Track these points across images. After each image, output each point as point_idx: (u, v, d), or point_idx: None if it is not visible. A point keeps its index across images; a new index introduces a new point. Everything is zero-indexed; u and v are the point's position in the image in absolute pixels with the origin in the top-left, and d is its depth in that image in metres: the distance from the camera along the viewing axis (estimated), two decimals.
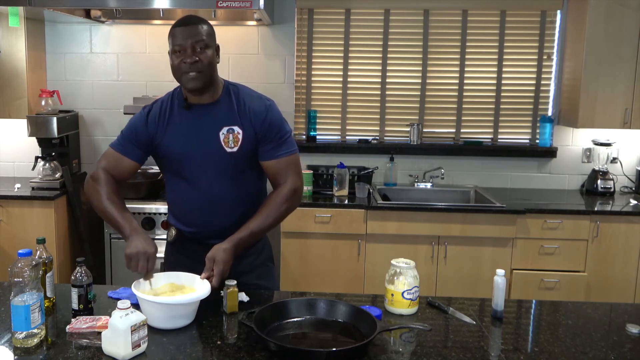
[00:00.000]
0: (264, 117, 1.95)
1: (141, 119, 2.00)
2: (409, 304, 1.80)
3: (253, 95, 2.01)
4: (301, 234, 3.52)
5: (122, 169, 2.00)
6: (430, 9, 3.97)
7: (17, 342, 1.54)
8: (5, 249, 3.51)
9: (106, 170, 1.99)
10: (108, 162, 2.01)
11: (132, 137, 1.99)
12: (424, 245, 3.48)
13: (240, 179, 2.00)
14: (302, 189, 2.04)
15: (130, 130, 2.01)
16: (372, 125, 4.11)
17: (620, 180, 3.99)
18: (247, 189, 2.02)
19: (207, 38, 1.89)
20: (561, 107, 3.99)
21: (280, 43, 3.94)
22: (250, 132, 1.95)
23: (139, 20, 3.91)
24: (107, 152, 2.04)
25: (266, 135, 1.96)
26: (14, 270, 1.54)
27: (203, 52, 1.87)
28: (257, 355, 1.52)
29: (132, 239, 1.81)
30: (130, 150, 1.99)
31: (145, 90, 3.99)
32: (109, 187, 1.96)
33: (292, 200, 1.99)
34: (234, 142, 1.94)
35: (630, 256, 3.49)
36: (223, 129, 1.94)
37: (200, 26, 1.88)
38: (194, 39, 1.86)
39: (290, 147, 2.01)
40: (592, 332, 1.75)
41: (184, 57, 1.86)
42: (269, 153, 1.97)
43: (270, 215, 1.95)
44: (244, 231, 1.91)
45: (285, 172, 1.98)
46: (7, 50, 3.65)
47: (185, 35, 1.86)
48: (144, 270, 1.76)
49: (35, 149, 3.82)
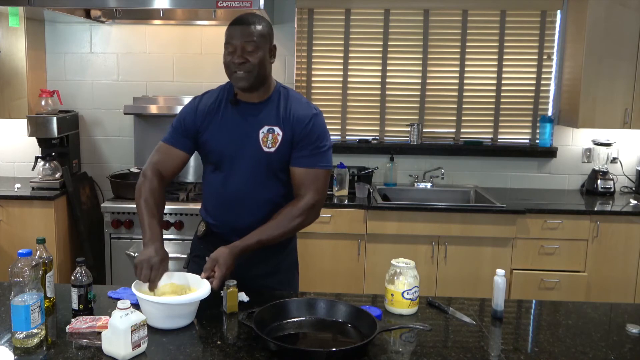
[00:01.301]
0: (307, 122, 1.94)
1: (191, 109, 2.01)
2: (409, 304, 1.80)
3: (302, 100, 2.00)
4: (301, 233, 3.44)
5: (172, 161, 2.01)
6: (430, 9, 3.97)
7: (17, 342, 1.54)
8: (5, 249, 3.50)
9: (155, 167, 2.00)
10: (159, 156, 2.02)
11: (181, 127, 2.00)
12: (424, 245, 3.48)
13: (272, 180, 1.99)
14: (321, 206, 1.99)
15: (179, 120, 2.02)
16: (372, 125, 4.11)
17: (620, 180, 3.99)
18: (277, 191, 2.00)
19: (259, 39, 1.86)
20: (561, 107, 3.99)
21: (280, 43, 3.92)
22: (289, 135, 1.94)
23: (139, 20, 3.91)
24: (159, 147, 2.05)
25: (304, 140, 1.94)
26: (14, 270, 1.54)
27: (253, 53, 1.86)
28: (257, 355, 1.52)
29: (145, 247, 1.82)
30: (179, 141, 2.00)
31: (145, 90, 3.99)
32: (152, 185, 1.96)
33: (307, 215, 1.96)
34: (272, 143, 1.94)
35: (630, 256, 3.49)
36: (264, 127, 1.94)
37: (253, 27, 1.86)
38: (245, 39, 1.85)
39: (323, 161, 1.97)
40: (592, 332, 1.75)
41: (233, 57, 1.87)
42: (300, 160, 1.95)
43: (282, 226, 1.93)
44: (251, 239, 1.89)
45: (309, 184, 1.95)
46: (7, 50, 3.65)
47: (237, 35, 1.85)
48: (146, 279, 1.75)
49: (35, 149, 3.82)
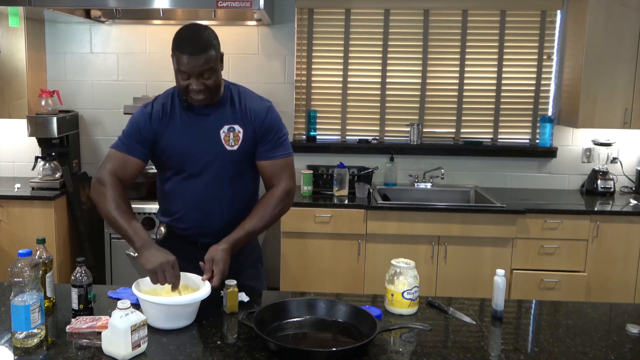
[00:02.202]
0: (264, 117, 1.98)
1: (144, 116, 1.97)
2: (409, 304, 1.80)
3: (253, 96, 2.04)
4: (301, 233, 3.52)
5: (128, 170, 1.96)
6: (430, 9, 3.97)
7: (17, 342, 1.54)
8: (5, 249, 3.50)
9: (112, 173, 1.94)
10: (113, 164, 1.95)
11: (136, 135, 1.96)
12: (424, 245, 3.48)
13: (238, 179, 2.01)
14: (294, 191, 2.06)
15: (134, 128, 1.97)
16: (372, 125, 4.11)
17: (620, 180, 3.99)
18: (243, 189, 2.04)
19: (212, 63, 1.84)
20: (561, 107, 3.99)
21: (280, 43, 3.94)
22: (250, 132, 1.97)
23: (139, 20, 3.91)
24: (110, 154, 1.98)
25: (265, 135, 1.98)
26: (14, 270, 1.54)
27: (209, 78, 1.85)
28: (257, 355, 1.52)
29: (148, 252, 1.78)
30: (135, 149, 1.96)
31: (145, 90, 3.99)
32: (116, 191, 1.91)
33: (285, 202, 2.02)
34: (235, 141, 1.96)
35: (630, 256, 3.49)
36: (224, 127, 1.95)
37: (205, 53, 1.81)
38: (200, 69, 1.82)
39: (287, 149, 2.04)
40: (592, 332, 1.75)
41: (190, 82, 1.85)
42: (265, 153, 2.00)
43: (265, 216, 1.97)
44: (239, 231, 1.92)
45: (280, 173, 2.01)
46: (7, 50, 3.65)
47: (191, 65, 1.81)
48: (174, 279, 1.73)
49: (35, 149, 3.82)
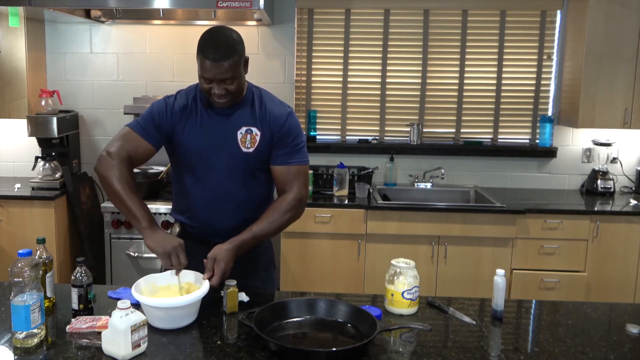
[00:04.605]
0: (284, 122, 1.97)
1: (166, 106, 1.96)
2: (409, 304, 1.80)
3: (275, 100, 2.04)
4: (301, 234, 3.51)
5: (139, 152, 1.94)
6: (430, 9, 3.97)
7: (17, 342, 1.54)
8: (5, 249, 3.50)
9: (124, 151, 1.90)
10: (126, 142, 1.92)
11: (155, 121, 1.95)
12: (424, 245, 3.48)
13: (250, 181, 2.01)
14: (306, 200, 2.05)
15: (153, 114, 1.96)
16: (372, 125, 4.11)
17: (620, 180, 3.99)
18: (255, 191, 2.03)
19: (235, 69, 1.84)
20: (561, 107, 3.99)
21: (280, 43, 3.94)
22: (267, 135, 1.96)
23: (139, 20, 3.91)
24: (125, 132, 1.95)
25: (282, 140, 1.98)
26: (14, 270, 1.54)
27: (232, 84, 1.86)
28: (257, 355, 1.52)
29: (156, 235, 1.84)
30: (151, 134, 1.94)
31: (145, 90, 3.99)
32: (125, 167, 1.89)
33: (296, 210, 2.00)
34: (251, 143, 1.96)
35: (630, 256, 3.49)
36: (242, 128, 1.96)
37: (229, 60, 1.81)
38: (222, 76, 1.83)
39: (303, 157, 2.03)
40: (592, 332, 1.75)
41: (212, 87, 1.86)
42: (281, 158, 1.99)
43: (274, 222, 1.96)
44: (247, 234, 1.92)
45: (293, 180, 2.00)
46: (7, 50, 3.65)
47: (214, 72, 1.82)
48: (186, 262, 1.81)
49: (35, 149, 3.82)
